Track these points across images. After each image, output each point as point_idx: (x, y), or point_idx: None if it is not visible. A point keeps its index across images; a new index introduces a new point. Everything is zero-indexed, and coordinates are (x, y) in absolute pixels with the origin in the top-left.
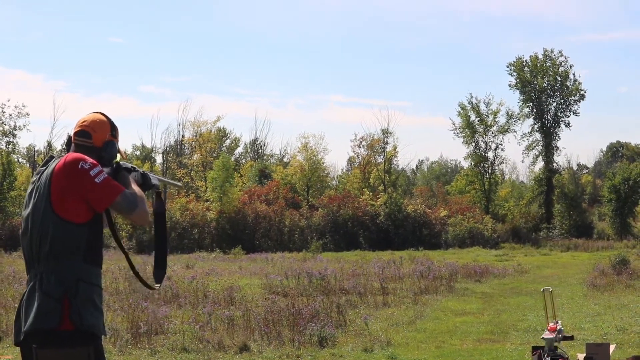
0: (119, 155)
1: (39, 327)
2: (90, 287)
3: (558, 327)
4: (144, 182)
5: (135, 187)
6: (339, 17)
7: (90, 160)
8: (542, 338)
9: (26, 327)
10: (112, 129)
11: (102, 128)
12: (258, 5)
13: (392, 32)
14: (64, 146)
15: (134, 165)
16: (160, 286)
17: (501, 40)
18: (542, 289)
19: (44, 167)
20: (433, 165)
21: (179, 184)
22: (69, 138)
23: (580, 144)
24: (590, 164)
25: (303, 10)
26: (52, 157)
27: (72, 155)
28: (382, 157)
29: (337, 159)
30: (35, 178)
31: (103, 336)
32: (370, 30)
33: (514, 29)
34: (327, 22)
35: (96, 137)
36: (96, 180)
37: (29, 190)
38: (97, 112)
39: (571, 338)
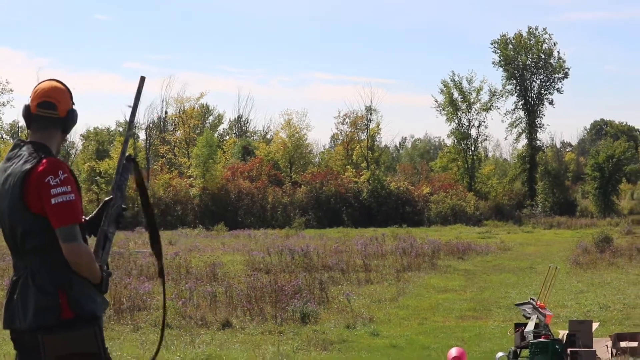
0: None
1: (40, 324)
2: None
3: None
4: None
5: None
6: None
7: (62, 175)
8: (539, 314)
9: (27, 324)
10: (71, 95)
11: (64, 97)
12: None
13: (376, 10)
14: (23, 118)
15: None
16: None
17: (484, 19)
18: (550, 266)
19: (14, 155)
20: (417, 143)
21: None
22: (27, 109)
23: (564, 122)
24: (574, 142)
25: None
26: (21, 142)
27: (48, 164)
28: (365, 134)
29: (320, 136)
30: (6, 166)
31: (103, 314)
32: (354, 8)
33: (498, 8)
34: (310, 0)
35: (61, 107)
36: (52, 200)
37: (1, 178)
38: (53, 80)
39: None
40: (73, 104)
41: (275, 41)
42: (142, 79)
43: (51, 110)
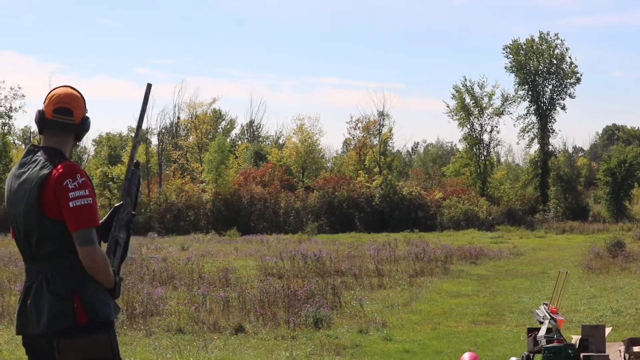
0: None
1: (55, 329)
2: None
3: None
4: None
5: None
6: (333, 0)
7: (79, 179)
8: (551, 319)
9: (41, 329)
10: (85, 103)
11: (80, 104)
12: None
13: (387, 15)
14: (36, 123)
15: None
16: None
17: (495, 24)
18: (560, 270)
19: (28, 160)
20: (429, 148)
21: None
22: (41, 114)
23: (576, 127)
24: (586, 147)
25: None
26: (34, 147)
27: (65, 168)
28: (377, 139)
29: (332, 141)
30: (20, 171)
31: (116, 319)
32: (364, 13)
33: (508, 13)
34: (321, 4)
35: (77, 114)
36: (70, 204)
37: (15, 185)
38: (68, 87)
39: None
40: (86, 111)
41: (285, 46)
42: (149, 86)
43: (68, 117)
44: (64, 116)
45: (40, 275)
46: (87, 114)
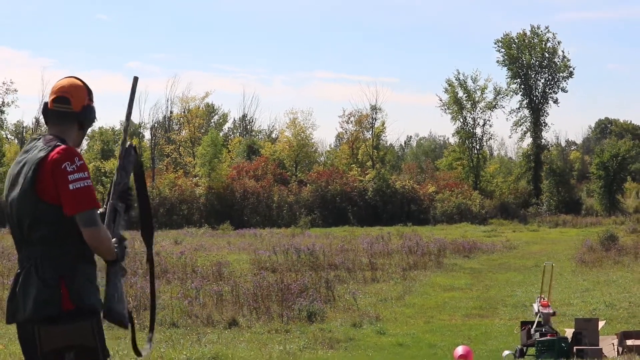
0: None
1: (40, 315)
2: (85, 267)
3: (548, 302)
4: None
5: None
6: None
7: (78, 162)
8: (540, 313)
9: (27, 315)
10: (89, 93)
11: (79, 93)
12: None
13: (379, 9)
14: (42, 114)
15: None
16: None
17: (489, 18)
18: (544, 264)
19: (31, 148)
20: (422, 141)
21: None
22: (45, 105)
23: (569, 121)
24: (579, 141)
25: None
26: (38, 136)
27: (62, 151)
28: (370, 133)
29: (325, 135)
30: (21, 158)
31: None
32: (358, 7)
33: (500, 7)
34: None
35: (75, 102)
36: (70, 186)
37: (15, 170)
38: (72, 77)
39: (553, 314)
40: (91, 100)
41: (277, 40)
42: (135, 79)
43: (65, 105)
44: (62, 105)
45: (30, 261)
46: (91, 103)
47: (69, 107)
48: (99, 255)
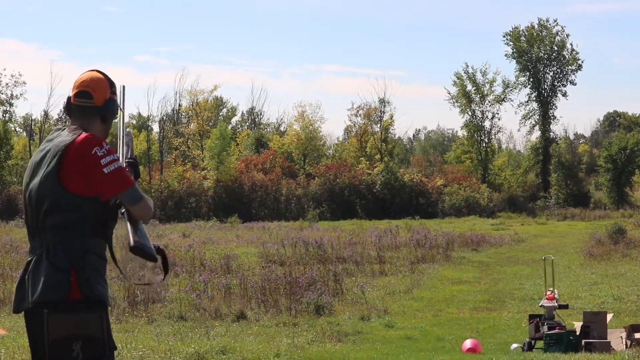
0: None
1: (48, 298)
2: (96, 258)
3: (555, 296)
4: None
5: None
6: None
7: (106, 146)
8: (541, 306)
9: (35, 297)
10: (111, 85)
11: (101, 86)
12: None
13: (386, 3)
14: (64, 109)
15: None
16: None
17: (495, 11)
18: (543, 257)
19: (55, 136)
20: (430, 135)
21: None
22: (68, 100)
23: (578, 114)
24: (587, 134)
25: None
26: (64, 127)
27: (89, 137)
28: (379, 126)
29: (333, 128)
30: (44, 146)
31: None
32: (364, 2)
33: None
34: None
35: (97, 96)
36: (104, 170)
37: (37, 158)
38: (94, 70)
39: (566, 307)
40: (113, 93)
41: (286, 34)
42: (123, 87)
43: (87, 100)
44: (84, 99)
45: (42, 247)
46: (113, 97)
47: (91, 102)
48: (144, 220)
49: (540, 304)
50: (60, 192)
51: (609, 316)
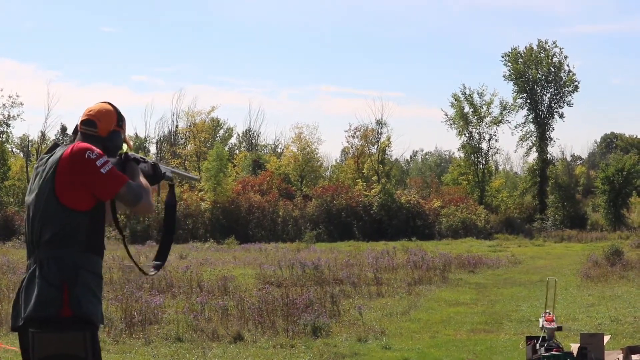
0: (125, 146)
1: (39, 314)
2: (89, 275)
3: (553, 318)
4: (155, 173)
5: (141, 179)
6: (331, 8)
7: (97, 150)
8: (544, 328)
9: (26, 313)
10: (119, 119)
11: (107, 118)
12: None
13: (383, 23)
14: (71, 135)
15: (143, 157)
16: (155, 273)
17: (493, 32)
18: (546, 279)
19: (49, 154)
20: (427, 156)
21: (196, 177)
22: (76, 127)
23: (574, 135)
24: (584, 155)
25: (297, 1)
26: (57, 145)
27: (80, 144)
28: (375, 147)
29: (330, 150)
30: (39, 164)
31: (100, 325)
32: (361, 22)
33: (505, 21)
34: (318, 13)
35: (101, 126)
36: (102, 170)
37: (32, 176)
38: (105, 102)
39: (559, 329)
40: (119, 127)
41: (283, 54)
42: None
43: (91, 128)
44: (88, 127)
45: (36, 263)
46: (119, 130)
47: (95, 131)
48: (149, 213)
49: (540, 326)
50: (55, 205)
51: (606, 338)
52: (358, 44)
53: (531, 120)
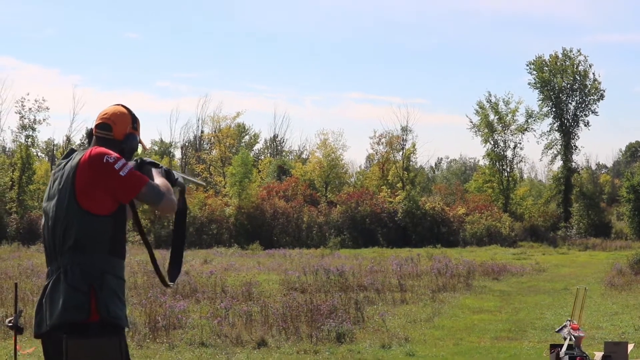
0: (140, 148)
1: (68, 320)
2: (114, 279)
3: (578, 326)
4: (167, 178)
5: (160, 179)
6: (357, 17)
7: (114, 154)
8: (574, 335)
9: (54, 320)
10: (134, 121)
11: (122, 120)
12: (276, 1)
13: (410, 30)
14: (85, 139)
15: (156, 162)
16: (174, 285)
17: (516, 40)
18: (577, 287)
19: (66, 160)
20: (452, 164)
21: (202, 182)
22: (90, 131)
23: (599, 144)
24: (609, 164)
25: (321, 8)
26: (73, 150)
27: (97, 149)
28: (400, 154)
29: (355, 156)
30: (56, 170)
31: (126, 328)
32: (388, 29)
33: (529, 29)
34: (344, 20)
35: (117, 129)
36: (121, 173)
37: (50, 182)
38: (119, 105)
39: (581, 337)
40: (134, 129)
41: (308, 61)
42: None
43: (107, 132)
44: (103, 131)
45: (60, 270)
46: (134, 132)
47: (110, 134)
48: (171, 211)
49: (564, 336)
50: (77, 211)
51: (630, 346)
52: (383, 52)
53: (556, 128)
